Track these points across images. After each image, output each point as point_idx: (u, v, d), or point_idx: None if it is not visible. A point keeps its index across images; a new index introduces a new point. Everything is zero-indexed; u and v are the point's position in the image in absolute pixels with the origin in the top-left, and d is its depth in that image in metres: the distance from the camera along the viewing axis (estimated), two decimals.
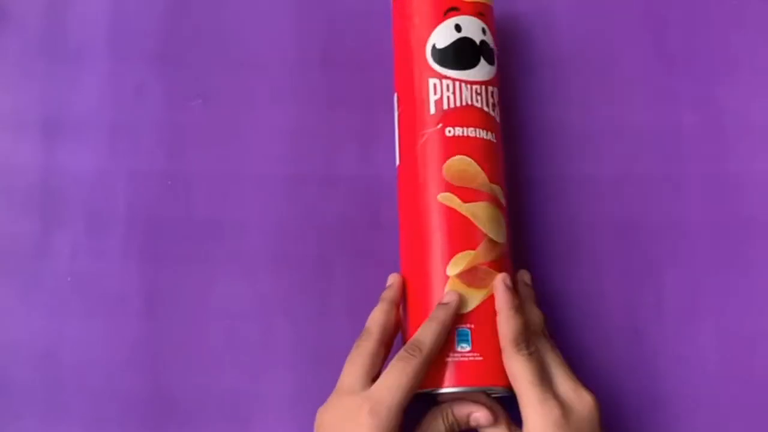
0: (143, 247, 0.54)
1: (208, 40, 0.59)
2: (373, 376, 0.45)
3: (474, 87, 0.49)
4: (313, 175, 0.56)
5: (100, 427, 0.51)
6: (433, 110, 0.49)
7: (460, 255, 0.47)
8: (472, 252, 0.47)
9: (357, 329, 0.48)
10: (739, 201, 0.56)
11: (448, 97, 0.49)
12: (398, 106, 0.52)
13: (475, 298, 0.46)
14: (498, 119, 0.51)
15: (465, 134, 0.49)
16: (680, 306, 0.53)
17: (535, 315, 0.48)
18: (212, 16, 0.59)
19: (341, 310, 0.53)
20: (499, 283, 0.47)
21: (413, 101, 0.50)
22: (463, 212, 0.47)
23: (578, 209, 0.55)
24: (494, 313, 0.46)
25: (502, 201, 0.49)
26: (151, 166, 0.56)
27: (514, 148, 0.56)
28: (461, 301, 0.46)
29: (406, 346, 0.45)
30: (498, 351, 0.45)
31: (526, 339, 0.45)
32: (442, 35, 0.50)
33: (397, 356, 0.45)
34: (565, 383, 0.46)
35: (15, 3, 0.59)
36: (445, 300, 0.46)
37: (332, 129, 0.57)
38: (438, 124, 0.49)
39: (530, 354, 0.45)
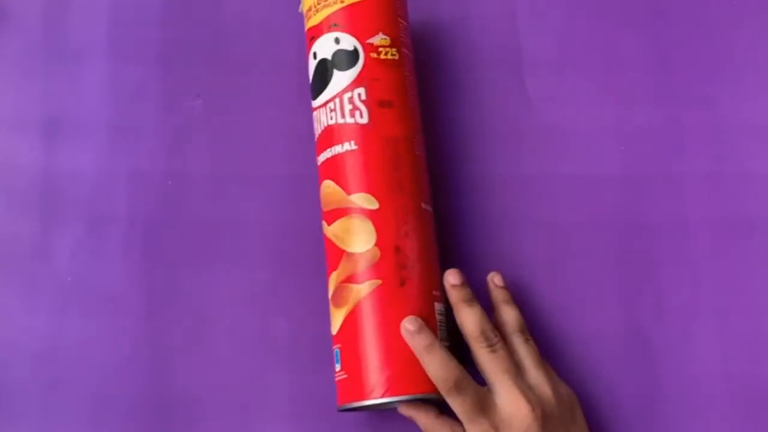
0: (143, 247, 0.54)
1: (208, 40, 0.59)
2: None
3: (328, 106, 0.50)
4: (313, 175, 0.56)
5: (100, 427, 0.51)
6: (316, 144, 0.52)
7: (330, 278, 0.49)
8: (335, 272, 0.48)
9: None
10: (739, 201, 0.56)
11: (316, 128, 0.51)
12: None
13: (339, 318, 0.47)
14: (364, 118, 0.49)
15: (325, 157, 0.50)
16: (680, 306, 0.53)
17: (509, 315, 0.49)
18: (212, 16, 0.59)
19: None
20: (445, 282, 0.48)
21: None
22: (328, 236, 0.49)
23: (578, 209, 0.55)
24: (355, 328, 0.46)
25: (369, 205, 0.47)
26: (151, 166, 0.56)
27: (514, 148, 0.56)
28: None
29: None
30: (362, 365, 0.46)
31: (485, 332, 0.46)
32: (310, 69, 0.52)
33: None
34: (538, 375, 0.46)
35: (15, 3, 0.59)
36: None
37: None
38: (317, 156, 0.51)
39: (493, 346, 0.46)
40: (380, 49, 0.50)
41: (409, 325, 0.45)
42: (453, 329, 0.48)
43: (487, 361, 0.46)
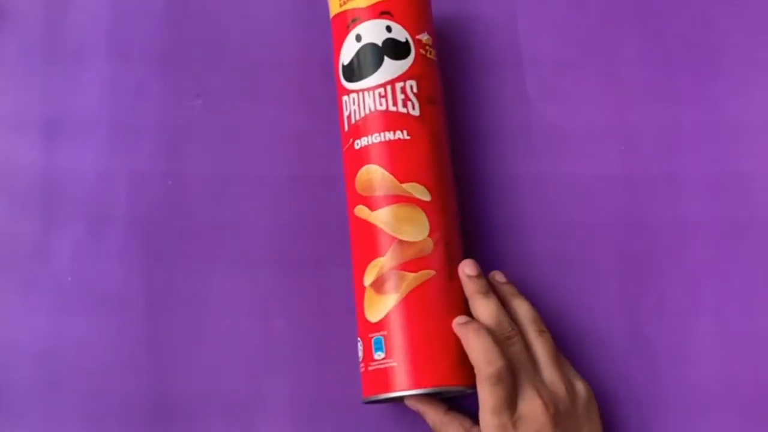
0: (143, 247, 0.54)
1: (208, 40, 0.59)
2: None
3: (377, 91, 0.49)
4: (313, 175, 0.56)
5: (100, 427, 0.51)
6: (346, 128, 0.51)
7: (370, 264, 0.48)
8: (381, 259, 0.47)
9: (356, 329, 0.48)
10: (739, 201, 0.55)
11: (354, 111, 0.50)
12: None
13: (387, 305, 0.47)
14: (416, 111, 0.49)
15: (370, 142, 0.49)
16: (680, 306, 0.53)
17: (522, 307, 0.49)
18: (212, 16, 0.59)
19: (341, 310, 0.53)
20: (461, 273, 0.47)
21: (339, 124, 0.51)
22: (372, 221, 0.48)
23: (578, 209, 0.55)
24: (409, 316, 0.46)
25: (423, 196, 0.48)
26: (151, 166, 0.56)
27: (514, 148, 0.56)
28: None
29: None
30: (415, 354, 0.45)
31: (502, 324, 0.46)
32: (346, 50, 0.51)
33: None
34: (553, 372, 0.46)
35: (15, 3, 0.59)
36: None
37: (332, 129, 0.57)
38: (350, 139, 0.50)
39: (510, 339, 0.46)
40: (426, 47, 0.51)
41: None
42: None
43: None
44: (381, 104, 0.49)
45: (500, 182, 0.56)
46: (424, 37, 0.51)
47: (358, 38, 0.50)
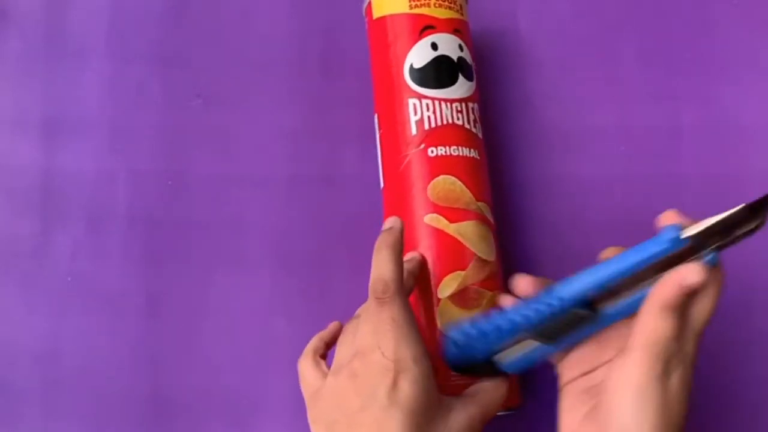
0: (143, 246, 0.54)
1: (208, 40, 0.59)
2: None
3: (454, 105, 0.49)
4: (313, 175, 0.56)
5: (100, 427, 0.51)
6: (414, 131, 0.49)
7: (450, 276, 0.46)
8: (462, 273, 0.46)
9: None
10: (739, 201, 0.55)
11: (429, 117, 0.49)
12: (379, 128, 0.51)
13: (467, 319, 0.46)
14: (480, 135, 0.50)
15: (448, 153, 0.48)
16: None
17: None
18: (212, 16, 0.59)
19: (341, 310, 0.53)
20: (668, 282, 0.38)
21: (394, 123, 0.50)
22: (451, 233, 0.47)
23: (577, 209, 0.55)
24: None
25: (490, 218, 0.49)
26: (151, 166, 0.56)
27: (513, 151, 0.56)
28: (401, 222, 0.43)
29: (372, 292, 0.41)
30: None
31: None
32: (419, 54, 0.50)
33: (370, 310, 0.41)
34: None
35: (15, 3, 0.59)
36: (386, 226, 0.43)
37: (332, 129, 0.57)
38: (420, 144, 0.48)
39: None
40: (475, 74, 0.52)
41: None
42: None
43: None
44: (458, 119, 0.49)
45: (499, 182, 0.56)
46: (473, 64, 0.52)
47: (434, 47, 0.50)
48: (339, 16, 0.59)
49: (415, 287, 0.46)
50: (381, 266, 0.41)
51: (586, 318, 0.40)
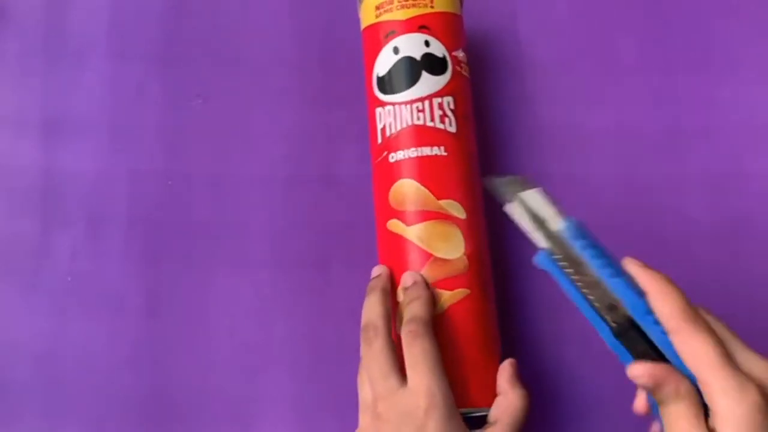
0: (143, 247, 0.54)
1: (208, 40, 0.59)
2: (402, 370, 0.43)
3: (414, 105, 0.48)
4: (313, 175, 0.56)
5: (100, 427, 0.51)
6: (379, 140, 0.49)
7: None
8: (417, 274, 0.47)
9: (357, 329, 0.48)
10: (739, 201, 0.56)
11: (390, 123, 0.49)
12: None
13: None
14: (452, 128, 0.49)
15: (406, 156, 0.48)
16: None
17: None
18: (212, 16, 0.59)
19: (341, 310, 0.53)
20: (629, 265, 0.40)
21: (371, 135, 0.50)
22: (407, 236, 0.47)
23: (577, 209, 0.55)
24: (442, 334, 0.45)
25: (459, 214, 0.47)
26: (151, 166, 0.56)
27: (511, 151, 0.56)
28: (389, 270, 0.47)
29: (363, 334, 0.44)
30: (453, 371, 0.43)
31: (695, 310, 0.37)
32: (382, 62, 0.50)
33: (364, 352, 0.44)
34: (756, 363, 0.37)
35: (15, 3, 0.59)
36: (374, 274, 0.47)
37: (332, 129, 0.57)
38: (383, 152, 0.49)
39: (708, 328, 0.37)
40: (462, 64, 0.51)
41: (635, 262, 0.40)
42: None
43: (702, 345, 0.36)
44: (418, 119, 0.48)
45: None
46: (460, 53, 0.51)
47: (396, 51, 0.50)
48: (339, 16, 0.59)
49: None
50: (369, 310, 0.45)
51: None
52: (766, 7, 0.59)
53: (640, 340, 0.38)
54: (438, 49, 0.50)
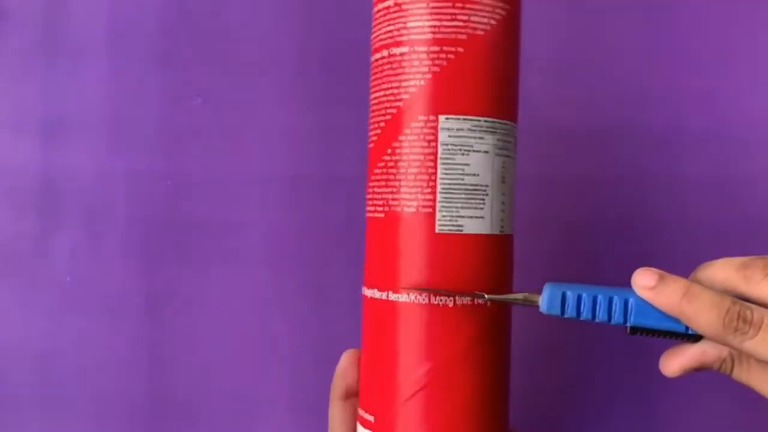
0: (142, 246, 0.54)
1: (208, 40, 0.59)
2: None
3: None
4: (313, 175, 0.56)
5: (101, 427, 0.51)
6: None
7: None
8: None
9: (357, 329, 0.48)
10: (739, 201, 0.55)
11: None
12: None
13: None
14: None
15: None
16: None
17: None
18: (212, 16, 0.59)
19: (341, 310, 0.53)
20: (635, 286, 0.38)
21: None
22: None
23: (577, 209, 0.55)
24: None
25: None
26: (151, 166, 0.56)
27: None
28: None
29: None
30: None
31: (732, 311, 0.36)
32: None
33: None
34: None
35: (15, 2, 0.59)
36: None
37: (332, 129, 0.57)
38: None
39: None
40: None
41: (646, 281, 0.37)
42: None
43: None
44: None
45: None
46: None
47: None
48: (339, 16, 0.59)
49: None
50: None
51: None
52: (767, 7, 0.59)
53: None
54: None
